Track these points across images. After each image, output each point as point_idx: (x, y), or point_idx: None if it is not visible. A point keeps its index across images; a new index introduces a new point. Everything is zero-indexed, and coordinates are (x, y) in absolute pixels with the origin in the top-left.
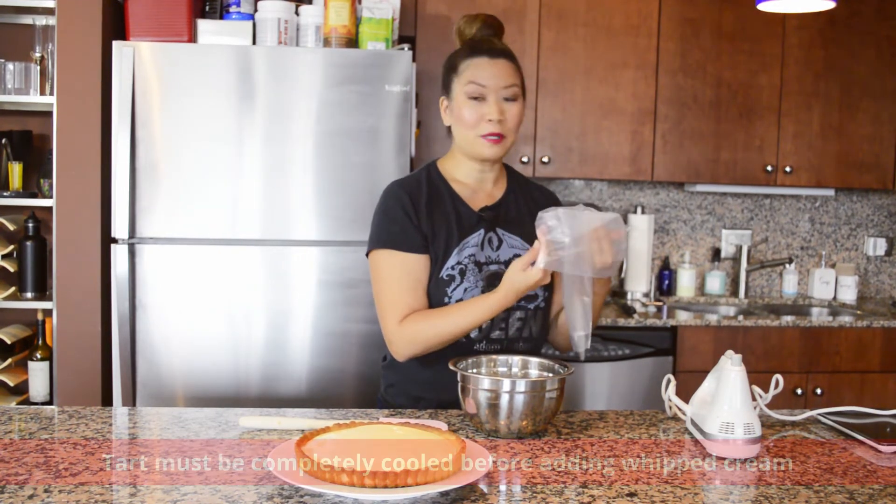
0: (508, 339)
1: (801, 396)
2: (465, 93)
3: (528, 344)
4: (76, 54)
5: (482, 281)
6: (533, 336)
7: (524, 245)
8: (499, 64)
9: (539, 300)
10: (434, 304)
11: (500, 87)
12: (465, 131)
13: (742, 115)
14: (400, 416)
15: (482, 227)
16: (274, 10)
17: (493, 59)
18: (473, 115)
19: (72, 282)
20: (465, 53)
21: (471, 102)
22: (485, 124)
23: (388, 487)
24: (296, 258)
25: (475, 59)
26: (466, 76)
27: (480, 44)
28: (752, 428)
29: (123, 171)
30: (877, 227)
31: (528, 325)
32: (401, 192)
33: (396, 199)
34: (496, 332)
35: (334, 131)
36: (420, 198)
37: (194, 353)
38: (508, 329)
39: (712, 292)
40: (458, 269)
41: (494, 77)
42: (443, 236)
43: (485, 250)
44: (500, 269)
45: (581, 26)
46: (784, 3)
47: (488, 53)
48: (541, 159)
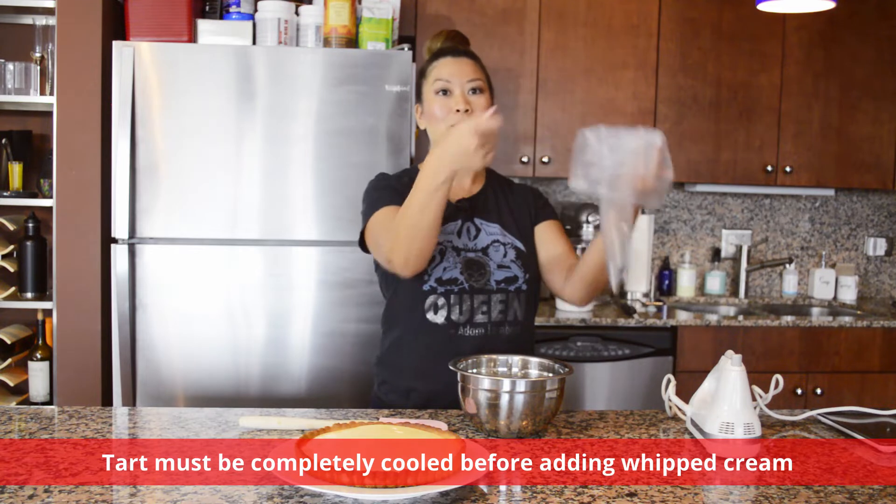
0: (492, 323)
1: (801, 396)
2: (433, 90)
3: (515, 327)
4: (76, 54)
5: (460, 263)
6: (518, 319)
7: (503, 232)
8: (461, 61)
9: (520, 282)
10: (413, 284)
11: (464, 81)
12: (436, 125)
13: (742, 115)
14: (400, 416)
15: (459, 217)
16: (274, 10)
17: (455, 57)
18: (442, 108)
19: (72, 282)
20: (430, 59)
21: (439, 97)
22: (452, 115)
23: (388, 487)
24: (295, 258)
25: (439, 60)
26: (433, 76)
27: (443, 49)
28: (752, 428)
29: (123, 171)
30: (877, 227)
31: (511, 307)
32: (386, 176)
33: (382, 180)
34: (479, 316)
35: (334, 131)
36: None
37: (194, 353)
38: (491, 312)
39: (712, 292)
40: (437, 248)
41: (458, 72)
42: None
43: (462, 238)
44: (478, 255)
45: (581, 26)
46: (784, 3)
47: (451, 53)
48: (541, 159)
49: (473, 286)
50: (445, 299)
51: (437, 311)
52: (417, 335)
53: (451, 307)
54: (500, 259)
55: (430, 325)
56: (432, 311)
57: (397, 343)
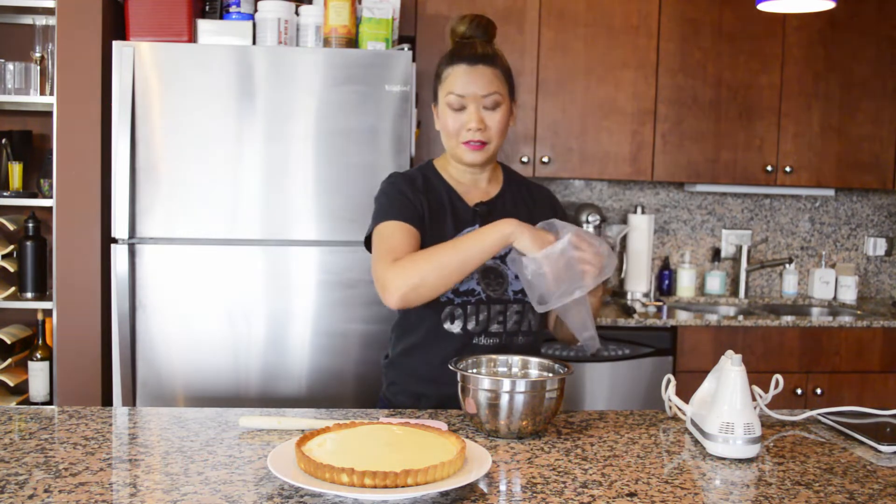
0: (507, 333)
1: (801, 396)
2: (446, 102)
3: (528, 337)
4: (76, 54)
5: (477, 273)
6: (532, 329)
7: None
8: (478, 71)
9: None
10: None
11: (479, 97)
12: (448, 139)
13: (742, 115)
14: (400, 416)
15: (477, 222)
16: (274, 10)
17: (471, 66)
18: (455, 124)
19: (72, 282)
20: (446, 60)
21: (452, 112)
22: (465, 132)
23: (388, 487)
24: (296, 258)
25: (454, 68)
26: (447, 86)
27: (462, 49)
28: (752, 428)
29: (123, 171)
30: (877, 227)
31: (527, 317)
32: (400, 179)
33: (394, 185)
34: (494, 326)
35: (334, 131)
36: (418, 187)
37: (194, 353)
38: (506, 322)
39: (712, 292)
40: None
41: (473, 86)
42: (438, 226)
43: None
44: (496, 263)
45: (581, 26)
46: (784, 3)
47: (467, 60)
48: (541, 159)
49: (490, 296)
50: (462, 309)
51: (454, 321)
52: (432, 343)
53: (468, 317)
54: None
55: (445, 334)
56: (449, 321)
57: (410, 348)
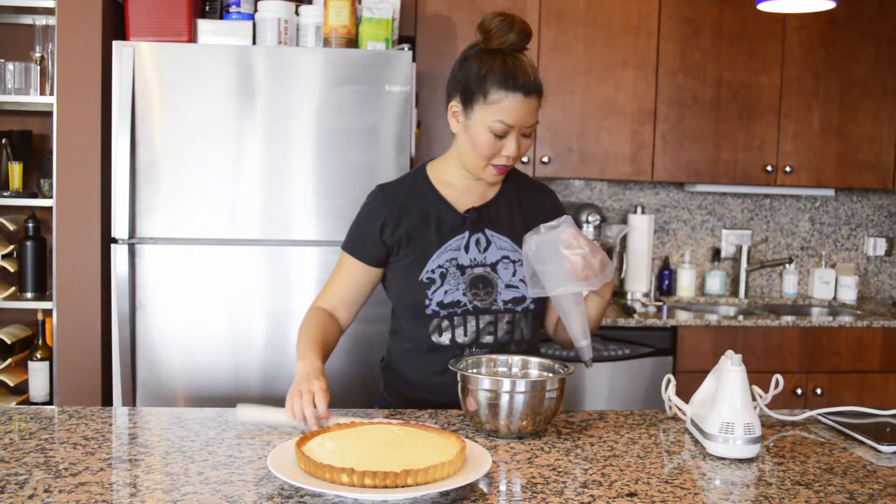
0: (498, 343)
1: (801, 396)
2: (488, 125)
3: (521, 346)
4: (76, 54)
5: (464, 284)
6: (525, 338)
7: (513, 247)
8: (531, 104)
9: (527, 302)
10: (415, 307)
11: (524, 127)
12: (476, 158)
13: (742, 115)
14: (400, 416)
15: (466, 230)
16: (274, 10)
17: (527, 97)
18: (492, 148)
19: (72, 282)
20: (498, 81)
21: (492, 136)
22: (499, 158)
23: (388, 487)
24: (296, 258)
25: (510, 96)
26: (496, 111)
27: (517, 75)
28: (752, 428)
29: (123, 171)
30: (877, 227)
31: (518, 327)
32: (379, 200)
33: (371, 208)
34: (486, 337)
35: (334, 131)
36: (399, 205)
37: (194, 353)
38: (497, 333)
39: (712, 292)
40: (438, 272)
41: (523, 118)
42: (421, 241)
43: (470, 252)
44: (486, 271)
45: (581, 26)
46: (784, 3)
47: (524, 90)
48: (541, 159)
49: (479, 306)
50: (449, 321)
51: (442, 333)
52: (423, 353)
53: (456, 328)
54: (509, 278)
55: (435, 346)
56: (437, 334)
57: (403, 356)
